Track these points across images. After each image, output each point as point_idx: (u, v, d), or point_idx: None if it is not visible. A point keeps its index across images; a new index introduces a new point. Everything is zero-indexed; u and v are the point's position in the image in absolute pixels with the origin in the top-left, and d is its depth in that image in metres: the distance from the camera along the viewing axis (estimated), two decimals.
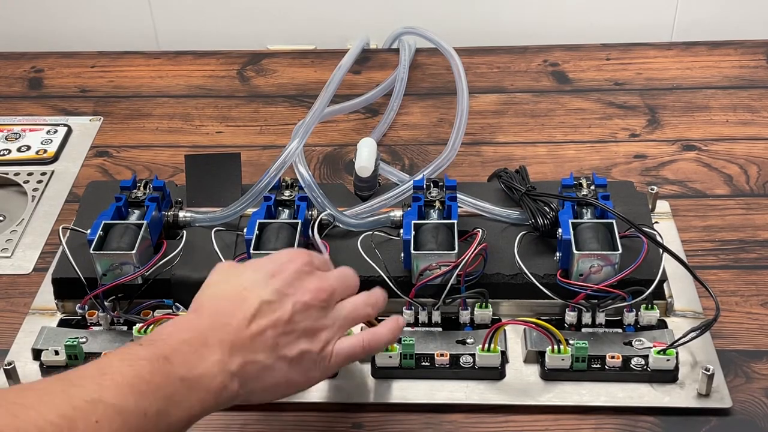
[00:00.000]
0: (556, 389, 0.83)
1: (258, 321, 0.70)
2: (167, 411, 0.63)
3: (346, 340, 0.75)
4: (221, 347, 0.68)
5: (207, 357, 0.67)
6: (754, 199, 1.05)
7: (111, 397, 0.61)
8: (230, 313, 0.70)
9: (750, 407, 0.82)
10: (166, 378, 0.64)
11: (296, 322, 0.71)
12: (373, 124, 1.19)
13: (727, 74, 1.27)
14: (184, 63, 1.35)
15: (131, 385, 0.62)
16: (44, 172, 1.14)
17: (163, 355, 0.65)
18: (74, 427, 0.58)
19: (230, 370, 0.67)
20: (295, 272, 0.74)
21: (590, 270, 0.85)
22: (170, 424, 0.64)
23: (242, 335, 0.69)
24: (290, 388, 0.73)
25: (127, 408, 0.61)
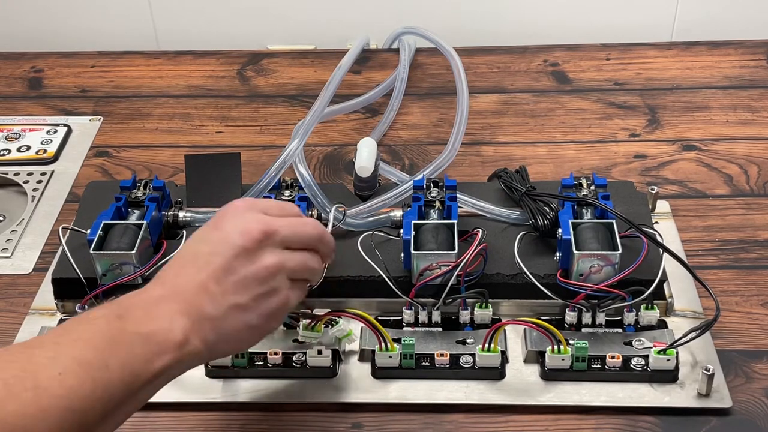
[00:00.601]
0: (556, 389, 0.83)
1: (198, 275, 0.69)
2: (129, 364, 0.64)
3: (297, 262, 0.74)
4: (171, 303, 0.68)
5: (158, 313, 0.67)
6: (754, 199, 1.05)
7: (70, 352, 0.62)
8: (176, 272, 0.71)
9: (750, 407, 0.82)
10: (121, 333, 0.64)
11: (236, 267, 0.70)
12: (373, 124, 1.19)
13: (727, 74, 1.27)
14: (184, 63, 1.35)
15: (89, 339, 0.63)
16: (44, 172, 1.14)
17: (116, 315, 0.66)
18: (37, 378, 0.59)
19: (183, 325, 0.67)
20: (229, 216, 0.73)
21: (590, 270, 0.85)
22: (137, 377, 0.64)
23: (187, 290, 0.69)
24: (256, 333, 0.73)
25: (88, 361, 0.61)
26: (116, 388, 0.62)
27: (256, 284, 0.71)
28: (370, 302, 0.90)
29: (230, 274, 0.70)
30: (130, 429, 0.82)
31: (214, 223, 0.74)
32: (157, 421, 0.83)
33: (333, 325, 0.85)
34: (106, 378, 0.62)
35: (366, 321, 0.83)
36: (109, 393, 0.62)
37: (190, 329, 0.67)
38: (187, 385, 0.85)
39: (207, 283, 0.69)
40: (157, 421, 0.83)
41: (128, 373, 0.63)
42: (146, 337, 0.65)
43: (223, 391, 0.85)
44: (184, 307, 0.68)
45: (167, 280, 0.71)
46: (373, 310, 0.90)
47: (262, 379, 0.85)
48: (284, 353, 0.85)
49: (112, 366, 0.62)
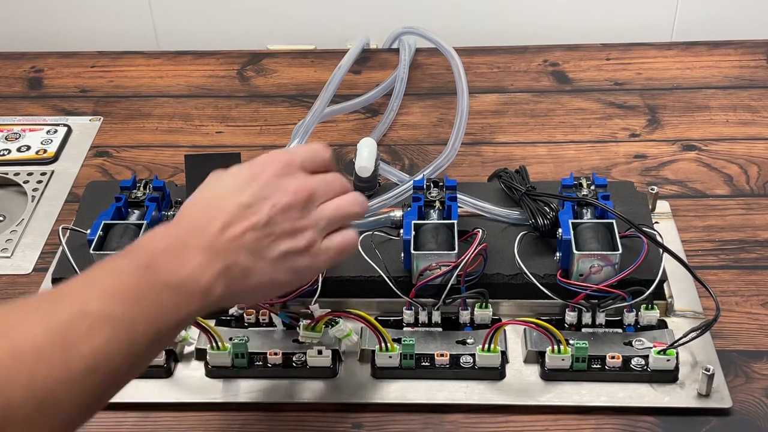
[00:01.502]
0: (556, 389, 0.83)
1: (236, 225, 0.69)
2: (155, 317, 0.63)
3: (334, 238, 0.74)
4: (201, 251, 0.67)
5: (188, 262, 0.66)
6: (754, 199, 1.05)
7: (97, 307, 0.60)
8: (208, 218, 0.69)
9: (750, 407, 0.82)
10: (150, 285, 0.64)
11: (275, 223, 0.70)
12: (373, 124, 1.19)
13: (727, 74, 1.27)
14: (184, 63, 1.35)
15: (116, 294, 0.62)
16: (44, 172, 1.14)
17: (144, 264, 0.65)
18: (65, 338, 0.58)
19: (213, 273, 0.66)
20: (273, 175, 0.72)
21: (590, 270, 0.85)
22: (159, 330, 0.63)
23: (221, 239, 0.68)
24: (277, 288, 0.73)
25: (115, 316, 0.61)
26: (142, 342, 0.62)
27: (289, 241, 0.71)
28: (370, 302, 0.90)
29: (268, 229, 0.70)
30: (130, 429, 0.83)
31: (252, 173, 0.72)
32: (157, 421, 0.83)
33: (333, 325, 0.85)
34: (133, 333, 0.61)
35: (366, 321, 0.83)
36: (136, 347, 0.61)
37: (217, 277, 0.67)
38: (187, 385, 0.85)
39: (243, 235, 0.69)
40: (157, 421, 0.83)
41: (155, 326, 0.63)
42: (175, 287, 0.65)
43: (223, 391, 0.85)
44: (214, 255, 0.67)
45: (196, 223, 0.69)
46: (373, 310, 0.90)
47: (262, 379, 0.85)
48: (284, 353, 0.85)
49: (138, 321, 0.62)
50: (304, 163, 0.74)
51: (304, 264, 0.72)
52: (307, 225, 0.72)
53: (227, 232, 0.68)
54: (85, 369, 0.58)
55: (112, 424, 0.83)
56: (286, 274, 0.71)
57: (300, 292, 0.87)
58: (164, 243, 0.67)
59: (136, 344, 0.61)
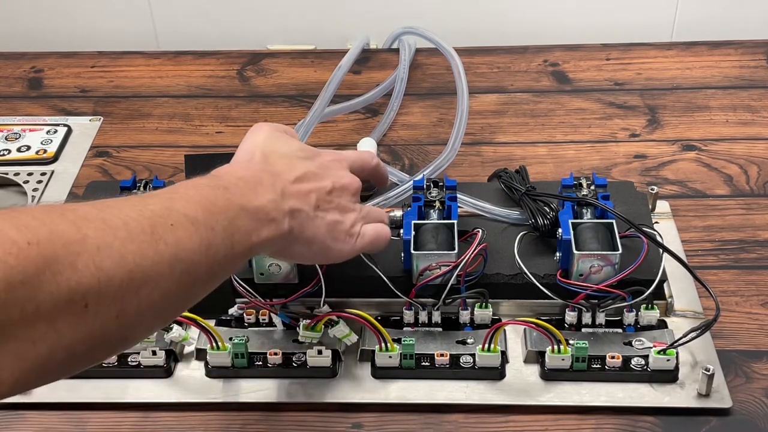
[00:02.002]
0: (556, 389, 0.83)
1: (304, 183, 0.76)
2: (231, 232, 0.66)
3: (370, 226, 0.81)
4: (274, 189, 0.72)
5: (262, 194, 0.71)
6: (754, 199, 1.05)
7: (181, 208, 0.63)
8: (280, 168, 0.76)
9: (750, 407, 0.82)
10: (228, 203, 0.67)
11: (334, 195, 0.78)
12: (373, 124, 1.19)
13: (727, 74, 1.27)
14: (184, 63, 1.35)
15: (198, 202, 0.65)
16: (44, 172, 1.14)
17: (223, 186, 0.69)
18: (153, 224, 0.60)
19: (283, 209, 0.72)
20: (332, 159, 0.81)
21: (590, 270, 0.85)
22: (234, 246, 0.67)
23: (292, 188, 0.74)
24: (323, 251, 0.78)
25: (197, 219, 0.64)
26: (219, 250, 0.65)
27: (339, 215, 0.78)
28: (370, 302, 0.90)
29: (328, 197, 0.77)
30: (130, 429, 0.83)
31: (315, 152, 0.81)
32: (157, 421, 0.83)
33: (333, 325, 0.85)
34: (211, 238, 0.64)
35: (366, 321, 0.83)
36: (213, 252, 0.64)
37: (285, 215, 0.72)
38: (187, 385, 0.85)
39: (309, 193, 0.76)
40: (158, 421, 0.83)
41: (230, 240, 0.66)
42: (250, 212, 0.69)
43: (223, 391, 0.85)
44: (285, 197, 0.73)
45: (271, 168, 0.75)
46: (373, 310, 0.90)
47: (262, 379, 0.85)
48: (284, 353, 0.85)
49: (217, 229, 0.65)
50: (354, 164, 0.84)
51: (343, 240, 0.78)
52: (355, 209, 0.80)
53: (297, 185, 0.75)
54: (171, 256, 0.60)
55: (112, 424, 0.83)
56: (332, 241, 0.77)
57: (302, 293, 0.87)
58: (243, 173, 0.72)
59: (214, 250, 0.64)
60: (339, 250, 0.79)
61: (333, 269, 0.88)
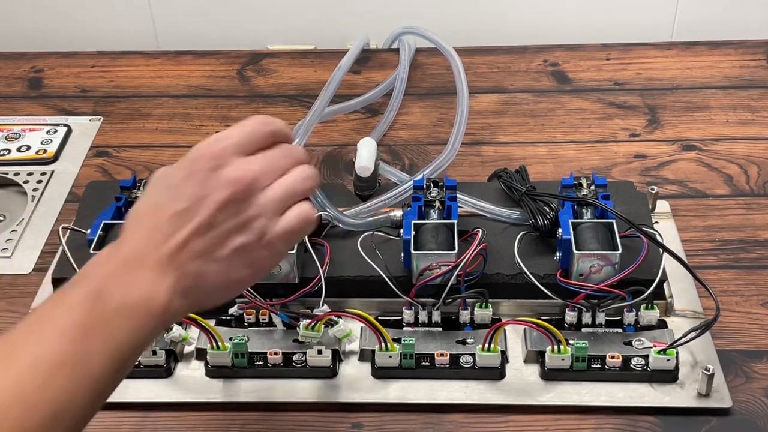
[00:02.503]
0: (556, 389, 0.83)
1: (178, 233, 0.65)
2: (111, 346, 0.62)
3: (290, 215, 0.69)
4: (149, 269, 0.64)
5: (138, 282, 0.64)
6: (754, 199, 1.05)
7: (50, 351, 0.60)
8: (150, 232, 0.66)
9: (750, 407, 0.82)
10: (102, 314, 0.62)
11: (219, 222, 0.66)
12: (373, 124, 1.19)
13: (727, 74, 1.27)
14: (184, 63, 1.35)
15: (67, 332, 0.61)
16: (44, 172, 1.14)
17: (94, 294, 0.62)
18: (25, 392, 0.58)
19: (165, 289, 0.64)
20: (206, 169, 0.67)
21: (590, 270, 0.85)
22: (118, 359, 0.62)
23: (166, 252, 0.65)
24: (238, 286, 0.69)
25: (69, 356, 0.60)
26: (102, 374, 0.61)
27: (241, 236, 0.67)
28: (370, 302, 0.90)
29: (214, 228, 0.66)
30: (130, 429, 0.83)
31: (185, 173, 0.67)
32: (157, 421, 0.83)
33: (333, 325, 0.85)
34: (90, 369, 0.60)
35: (366, 321, 0.83)
36: (96, 381, 0.61)
37: (171, 292, 0.64)
38: (187, 385, 0.85)
39: (188, 243, 0.65)
40: (158, 421, 0.83)
41: (112, 355, 0.62)
42: (128, 312, 0.63)
43: (223, 391, 0.85)
44: (163, 270, 0.64)
45: (139, 240, 0.66)
46: (373, 310, 0.90)
47: (262, 379, 0.85)
48: (284, 353, 0.85)
49: (94, 353, 0.61)
50: (242, 146, 0.69)
51: (261, 255, 0.68)
52: (255, 215, 0.67)
53: (171, 244, 0.65)
54: (50, 417, 0.58)
55: (112, 424, 0.83)
56: (244, 269, 0.68)
57: (302, 293, 0.87)
58: (111, 267, 0.65)
59: (97, 378, 0.61)
60: (260, 272, 0.69)
61: (333, 269, 0.88)
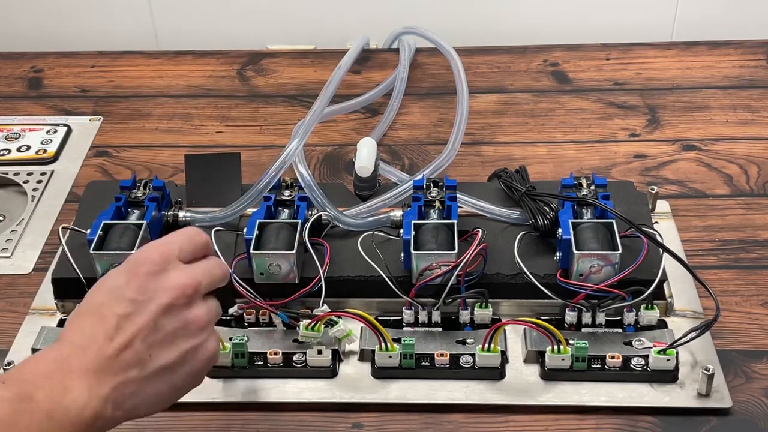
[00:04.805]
0: (556, 389, 0.83)
1: (120, 337, 0.65)
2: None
3: (217, 308, 0.72)
4: (85, 374, 0.63)
5: (72, 388, 0.63)
6: (754, 199, 1.05)
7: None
8: (91, 335, 0.65)
9: (750, 407, 0.82)
10: (30, 417, 0.60)
11: (163, 325, 0.67)
12: (373, 124, 1.19)
13: (727, 74, 1.27)
14: (184, 63, 1.35)
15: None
16: (44, 172, 1.14)
17: (25, 394, 0.61)
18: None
19: (101, 395, 0.63)
20: (149, 273, 0.68)
21: (590, 270, 0.85)
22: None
23: (107, 355, 0.65)
24: (179, 394, 0.70)
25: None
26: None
27: (183, 340, 0.68)
28: (370, 302, 0.90)
29: (157, 332, 0.67)
30: (130, 429, 0.83)
31: (127, 278, 0.68)
32: (157, 421, 0.83)
33: (333, 325, 0.85)
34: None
35: (366, 321, 0.83)
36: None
37: (105, 400, 0.64)
38: None
39: (131, 344, 0.65)
40: (158, 422, 0.83)
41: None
42: (59, 419, 0.61)
43: (223, 391, 0.85)
44: (101, 376, 0.64)
45: (79, 343, 0.65)
46: (373, 310, 0.90)
47: (262, 379, 0.85)
48: (284, 353, 0.85)
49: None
50: (182, 252, 0.71)
51: (204, 357, 0.69)
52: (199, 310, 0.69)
53: (112, 346, 0.65)
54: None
55: None
56: (186, 377, 0.69)
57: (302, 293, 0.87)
58: (47, 368, 0.63)
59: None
60: (200, 374, 0.70)
61: (333, 269, 0.88)
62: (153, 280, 0.68)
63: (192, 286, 0.69)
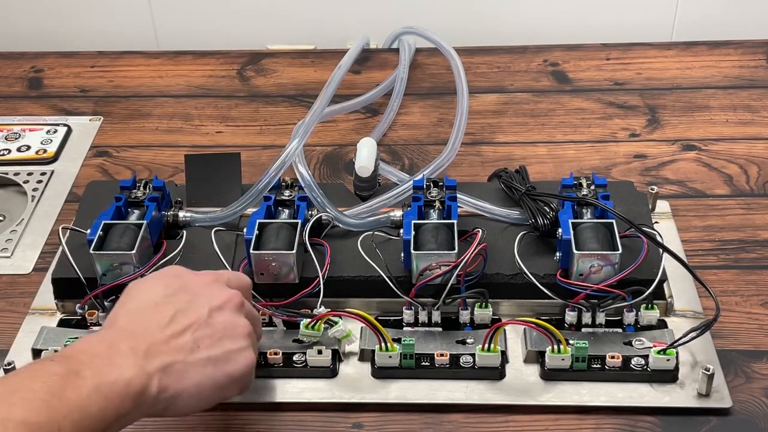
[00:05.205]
0: (556, 389, 0.83)
1: (172, 327, 0.71)
2: (82, 423, 0.63)
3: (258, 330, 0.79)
4: (135, 353, 0.68)
5: (120, 363, 0.67)
6: (754, 199, 1.05)
7: (20, 413, 0.60)
8: (144, 323, 0.71)
9: (750, 407, 0.82)
10: (78, 391, 0.64)
11: (216, 318, 0.73)
12: (373, 124, 1.19)
13: (727, 74, 1.27)
14: (184, 63, 1.35)
15: (42, 400, 0.62)
16: (44, 172, 1.14)
17: (74, 371, 0.65)
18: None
19: (147, 372, 0.68)
20: (204, 284, 0.76)
21: (590, 270, 0.85)
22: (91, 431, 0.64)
23: (157, 340, 0.70)
24: (217, 393, 0.73)
25: (38, 423, 0.61)
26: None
27: (229, 340, 0.73)
28: (370, 302, 0.90)
29: (207, 328, 0.73)
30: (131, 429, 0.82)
31: (182, 284, 0.75)
32: (157, 421, 0.83)
33: (333, 325, 0.85)
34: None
35: (366, 321, 0.83)
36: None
37: (150, 377, 0.68)
38: None
39: (182, 334, 0.71)
40: (158, 421, 0.83)
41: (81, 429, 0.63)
42: (105, 392, 0.65)
43: None
44: (150, 356, 0.68)
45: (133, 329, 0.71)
46: (373, 310, 0.90)
47: (262, 379, 0.85)
48: (284, 353, 0.85)
49: (63, 427, 0.62)
50: (230, 281, 0.79)
51: (244, 362, 0.74)
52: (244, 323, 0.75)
53: (167, 333, 0.71)
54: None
55: None
56: (226, 377, 0.72)
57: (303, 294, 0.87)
58: (97, 347, 0.68)
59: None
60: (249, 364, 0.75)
61: (333, 269, 0.88)
62: (207, 288, 0.76)
63: (240, 298, 0.77)
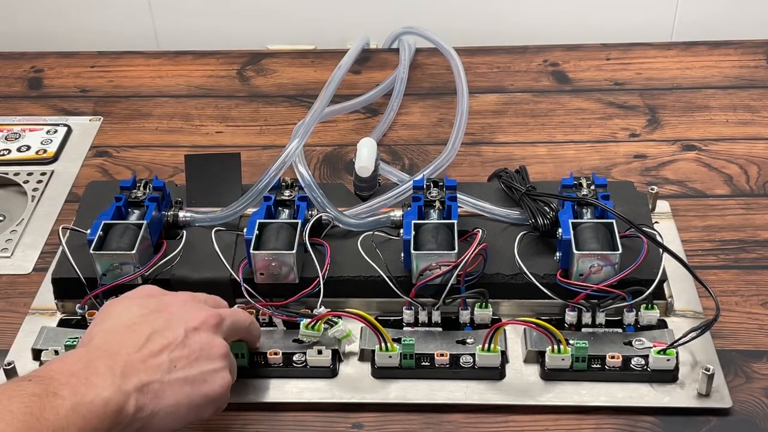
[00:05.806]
0: (556, 389, 0.83)
1: (150, 345, 0.72)
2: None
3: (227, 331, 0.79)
4: (112, 372, 0.68)
5: (97, 383, 0.67)
6: (754, 199, 1.05)
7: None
8: (120, 342, 0.71)
9: (750, 407, 0.82)
10: (56, 411, 0.64)
11: (192, 339, 0.74)
12: (373, 124, 1.19)
13: (727, 74, 1.27)
14: (184, 63, 1.35)
15: (21, 421, 0.62)
16: (44, 172, 1.14)
17: (52, 391, 0.65)
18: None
19: (124, 390, 0.68)
20: (180, 304, 0.77)
21: (590, 270, 0.85)
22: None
23: (134, 359, 0.70)
24: (192, 413, 0.73)
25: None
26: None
27: (205, 361, 0.74)
28: (370, 302, 0.90)
29: (183, 349, 0.73)
30: None
31: (158, 305, 0.76)
32: None
33: (333, 325, 0.85)
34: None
35: (366, 321, 0.83)
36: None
37: (128, 396, 0.68)
38: None
39: (158, 354, 0.71)
40: None
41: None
42: (83, 412, 0.65)
43: None
44: (128, 375, 0.69)
45: (109, 348, 0.71)
46: (373, 310, 0.90)
47: (262, 379, 0.85)
48: (284, 353, 0.85)
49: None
50: (207, 301, 0.80)
51: (220, 383, 0.74)
52: (220, 342, 0.76)
53: (143, 353, 0.71)
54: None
55: None
56: (202, 398, 0.73)
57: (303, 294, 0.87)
58: (74, 367, 0.68)
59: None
60: (225, 386, 0.75)
61: (333, 269, 0.88)
62: (183, 308, 0.76)
63: (216, 317, 0.77)
